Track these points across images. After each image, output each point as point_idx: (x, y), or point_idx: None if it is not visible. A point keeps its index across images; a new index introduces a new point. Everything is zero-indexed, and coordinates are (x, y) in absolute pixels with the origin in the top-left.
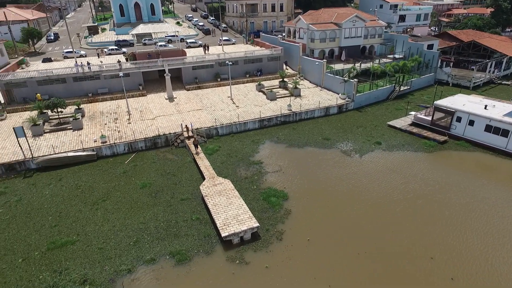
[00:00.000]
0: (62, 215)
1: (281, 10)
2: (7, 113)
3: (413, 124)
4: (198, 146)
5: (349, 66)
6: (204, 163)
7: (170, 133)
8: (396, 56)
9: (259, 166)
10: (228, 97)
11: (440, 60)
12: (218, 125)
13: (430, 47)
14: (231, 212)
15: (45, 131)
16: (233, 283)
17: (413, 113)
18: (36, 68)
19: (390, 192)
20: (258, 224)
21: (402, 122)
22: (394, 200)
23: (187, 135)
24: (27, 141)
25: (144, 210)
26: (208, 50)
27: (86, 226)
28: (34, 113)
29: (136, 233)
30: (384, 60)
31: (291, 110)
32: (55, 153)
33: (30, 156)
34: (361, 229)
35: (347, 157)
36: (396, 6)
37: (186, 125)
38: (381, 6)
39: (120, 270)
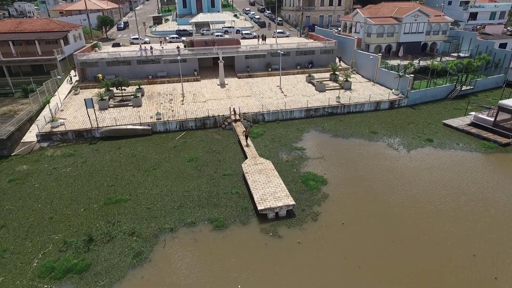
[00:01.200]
0: (118, 177)
1: (339, 4)
2: (80, 89)
3: (472, 124)
4: (249, 137)
5: (406, 62)
6: (248, 144)
7: (218, 115)
8: (461, 54)
9: (301, 152)
10: (277, 86)
11: None
12: (265, 111)
13: (502, 46)
14: (269, 189)
15: (110, 106)
16: (265, 253)
17: (473, 113)
18: (103, 52)
19: (433, 186)
20: (294, 203)
21: (459, 122)
22: (436, 195)
23: (234, 118)
24: (94, 113)
25: (189, 181)
26: (265, 40)
27: (138, 188)
28: (102, 90)
29: (180, 199)
30: (447, 58)
31: (339, 102)
32: (116, 125)
33: (96, 126)
34: (398, 219)
35: (393, 151)
36: (467, 2)
37: (234, 109)
38: (449, 3)
39: (164, 228)
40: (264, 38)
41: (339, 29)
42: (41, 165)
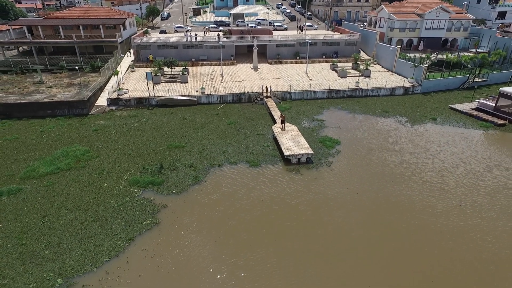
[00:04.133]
0: (175, 132)
1: (366, 1)
2: (136, 68)
3: (476, 109)
4: (285, 122)
5: (424, 55)
6: (277, 113)
7: (252, 92)
8: (480, 50)
9: (321, 122)
10: (304, 72)
11: None
12: (292, 90)
13: None
14: (293, 143)
15: (161, 81)
16: (289, 183)
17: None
18: (154, 36)
19: (427, 147)
20: (312, 152)
21: (465, 106)
22: (426, 152)
23: (265, 95)
24: (152, 85)
25: (230, 137)
26: (302, 31)
27: (191, 139)
28: (154, 68)
29: (224, 147)
30: (465, 53)
31: (358, 86)
32: (169, 95)
33: (153, 95)
34: (392, 166)
35: (399, 125)
36: (496, 1)
37: (266, 87)
38: (478, 2)
39: (213, 164)
40: (302, 29)
41: (365, 24)
42: (114, 121)
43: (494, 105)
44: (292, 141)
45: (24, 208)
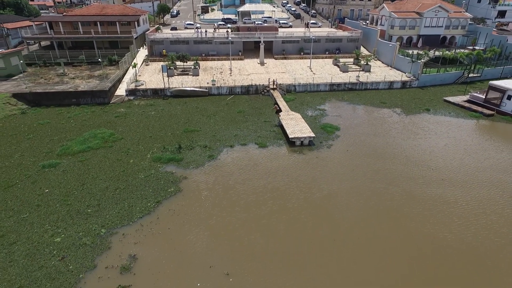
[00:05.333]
0: (189, 119)
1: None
2: (150, 62)
3: (468, 101)
4: (283, 101)
5: (422, 52)
6: (282, 103)
7: (259, 84)
8: (476, 47)
9: (322, 111)
10: (308, 66)
11: None
12: (296, 83)
13: None
14: (297, 127)
15: (175, 74)
16: (293, 160)
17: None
18: (167, 32)
19: (417, 132)
20: (314, 135)
21: (457, 99)
22: (415, 136)
23: (272, 87)
24: (167, 77)
25: (239, 124)
26: (309, 27)
27: (204, 125)
28: (168, 62)
29: (235, 132)
30: (462, 50)
31: (358, 80)
32: (182, 87)
33: (167, 87)
34: (386, 147)
35: (394, 114)
36: (496, 1)
37: (274, 79)
38: (478, 1)
39: (225, 145)
40: (308, 25)
41: (367, 22)
42: (133, 109)
43: (484, 97)
44: (296, 126)
45: (64, 178)
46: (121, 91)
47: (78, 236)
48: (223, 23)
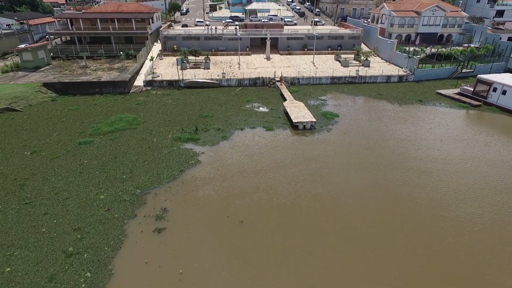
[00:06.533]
0: (203, 106)
1: None
2: (164, 56)
3: (459, 93)
4: (287, 90)
5: (418, 48)
6: (287, 94)
7: (266, 77)
8: (472, 45)
9: (323, 101)
10: (311, 61)
11: None
12: (300, 76)
13: (511, 39)
14: (300, 114)
15: (187, 67)
16: (296, 140)
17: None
18: (179, 29)
19: (407, 118)
20: (315, 120)
21: (449, 91)
22: (404, 122)
23: (277, 79)
24: (181, 70)
25: (248, 112)
26: (316, 25)
27: (217, 112)
28: (181, 56)
29: (244, 118)
30: (457, 47)
31: (358, 74)
32: (195, 79)
33: (181, 78)
34: (379, 131)
35: (388, 104)
36: (495, 0)
37: (281, 72)
38: (478, 0)
39: (236, 128)
40: (315, 23)
41: (369, 20)
42: (151, 98)
43: (473, 90)
44: (299, 112)
45: (99, 152)
46: (139, 82)
47: (118, 195)
48: (231, 20)
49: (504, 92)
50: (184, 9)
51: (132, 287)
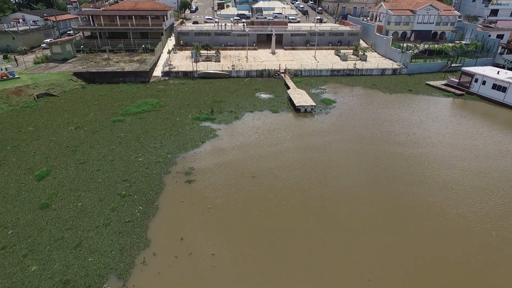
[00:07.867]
0: (216, 93)
1: None
2: (177, 50)
3: (445, 84)
4: (291, 81)
5: (412, 45)
6: (291, 83)
7: (271, 69)
8: (463, 42)
9: (323, 90)
10: (313, 56)
11: (500, 47)
12: (302, 69)
13: (500, 36)
14: (302, 99)
15: (200, 60)
16: (298, 121)
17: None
18: (190, 25)
19: (394, 103)
20: (315, 104)
21: (437, 83)
22: (391, 106)
23: (282, 71)
24: (195, 62)
25: (256, 98)
26: (320, 23)
27: (228, 98)
28: (192, 51)
29: (253, 103)
30: (449, 44)
31: (355, 67)
32: (207, 70)
33: (195, 70)
34: (368, 114)
35: (380, 92)
36: (489, 0)
37: (285, 65)
38: (473, 0)
39: (247, 111)
40: (320, 21)
41: (368, 18)
42: (170, 86)
43: (458, 80)
44: (301, 98)
45: (131, 128)
46: (157, 72)
47: (153, 158)
48: (238, 18)
49: (484, 83)
50: (194, 7)
51: (173, 216)
